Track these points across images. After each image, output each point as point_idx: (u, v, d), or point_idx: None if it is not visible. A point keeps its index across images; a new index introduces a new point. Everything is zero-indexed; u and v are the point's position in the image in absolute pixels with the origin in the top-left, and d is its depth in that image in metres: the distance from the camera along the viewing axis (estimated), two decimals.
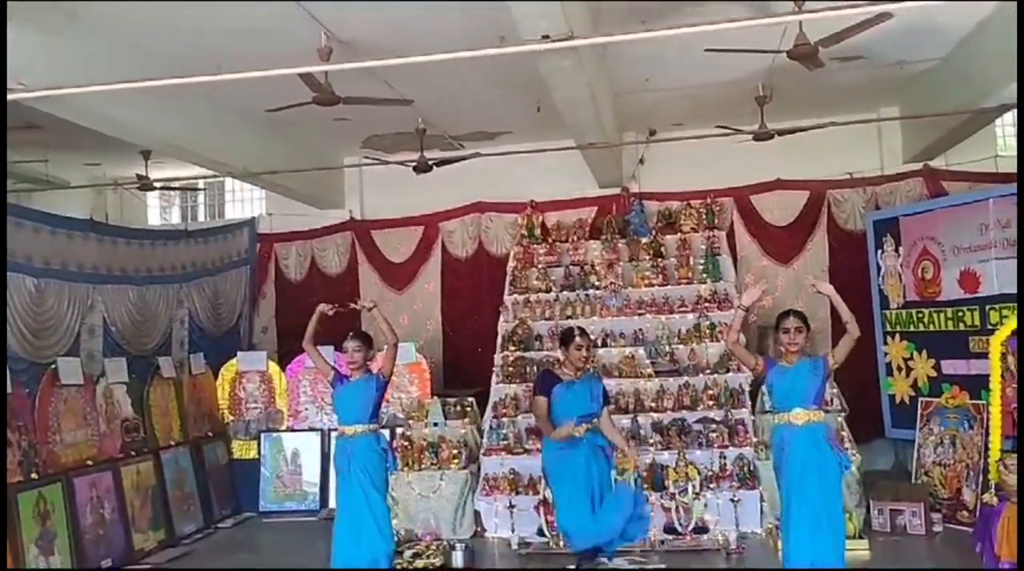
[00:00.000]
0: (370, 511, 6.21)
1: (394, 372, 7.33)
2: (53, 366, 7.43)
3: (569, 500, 6.42)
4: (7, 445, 6.68)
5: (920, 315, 8.74)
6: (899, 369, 8.97)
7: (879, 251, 9.29)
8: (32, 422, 7.02)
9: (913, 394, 8.72)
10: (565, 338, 6.67)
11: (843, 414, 7.98)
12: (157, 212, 12.95)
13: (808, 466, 5.47)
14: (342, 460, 6.36)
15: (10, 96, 5.63)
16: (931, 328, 8.60)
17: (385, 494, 6.42)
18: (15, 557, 6.38)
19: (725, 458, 7.84)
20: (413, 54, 4.55)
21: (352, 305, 7.09)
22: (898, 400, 8.99)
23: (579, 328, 6.78)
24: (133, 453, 8.09)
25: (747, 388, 8.49)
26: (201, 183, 11.67)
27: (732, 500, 7.51)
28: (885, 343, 9.17)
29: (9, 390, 6.79)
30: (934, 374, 8.50)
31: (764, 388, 8.16)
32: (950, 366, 8.30)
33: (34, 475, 6.85)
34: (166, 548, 7.98)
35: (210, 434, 9.49)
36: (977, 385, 7.65)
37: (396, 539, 7.29)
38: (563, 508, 6.49)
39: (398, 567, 6.96)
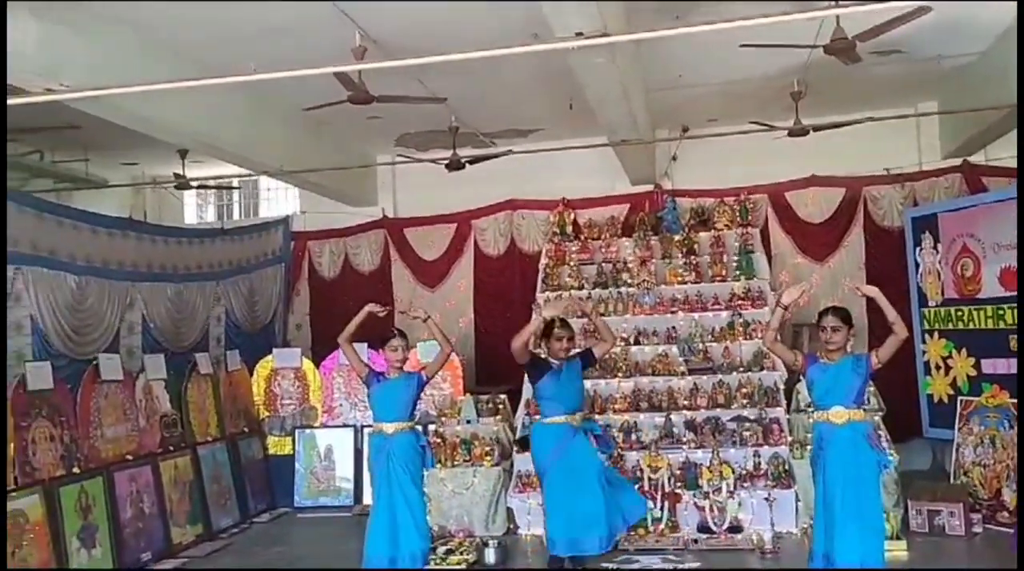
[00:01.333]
0: (408, 508, 6.17)
1: (426, 370, 7.69)
2: (94, 362, 7.56)
3: (561, 501, 6.30)
4: (49, 439, 6.83)
5: (959, 313, 8.61)
6: (938, 368, 8.85)
7: (917, 248, 9.17)
8: (74, 417, 7.14)
9: (952, 393, 8.60)
10: (545, 330, 6.55)
11: (880, 413, 7.87)
12: (193, 210, 13.12)
13: (848, 465, 5.39)
14: (380, 457, 6.28)
15: (51, 97, 5.74)
16: (971, 326, 8.47)
17: (423, 491, 6.42)
18: (57, 549, 6.50)
19: (759, 457, 7.77)
20: (446, 52, 4.58)
21: (408, 312, 6.88)
22: (936, 399, 8.87)
23: (560, 319, 6.62)
24: (171, 448, 8.20)
25: (782, 386, 8.42)
26: (236, 182, 11.81)
27: (767, 499, 7.43)
28: (923, 341, 9.05)
29: (51, 386, 6.93)
30: (974, 373, 8.37)
31: (799, 387, 8.12)
32: (990, 365, 8.18)
33: (76, 469, 6.97)
34: (203, 542, 8.09)
35: (246, 430, 9.59)
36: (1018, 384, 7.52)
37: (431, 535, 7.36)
38: (554, 509, 6.37)
39: (432, 563, 6.99)
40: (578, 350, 6.75)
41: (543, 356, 6.68)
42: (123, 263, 8.54)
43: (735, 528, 7.38)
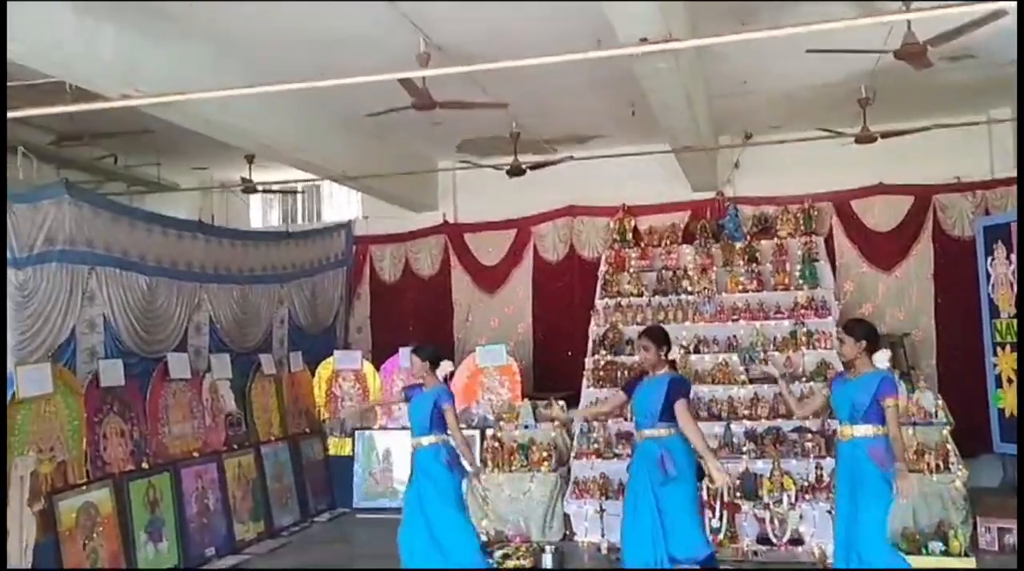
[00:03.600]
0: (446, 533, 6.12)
1: (483, 374, 8.58)
2: (164, 361, 7.77)
3: (626, 512, 6.14)
4: (120, 435, 7.05)
5: None
6: (1010, 381, 8.58)
7: (989, 258, 8.91)
8: (143, 414, 7.36)
9: None
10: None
11: (948, 428, 7.68)
12: (259, 214, 13.38)
13: (846, 480, 5.46)
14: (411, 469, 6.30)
15: (127, 102, 5.93)
16: None
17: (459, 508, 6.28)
18: (126, 542, 6.70)
19: (822, 468, 7.62)
20: (509, 58, 4.60)
21: None
22: (1008, 414, 8.60)
23: (644, 330, 6.39)
24: (236, 447, 8.39)
25: None
26: (299, 186, 12.02)
27: (829, 512, 7.27)
28: (995, 354, 8.79)
29: (123, 383, 7.14)
30: None
31: None
32: None
33: (145, 465, 7.18)
34: (265, 539, 8.24)
35: (307, 431, 9.76)
36: None
37: (485, 538, 7.41)
38: (624, 519, 6.19)
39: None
40: (668, 375, 6.05)
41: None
42: (192, 265, 8.77)
43: (796, 541, 7.26)
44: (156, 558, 6.99)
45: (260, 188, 10.75)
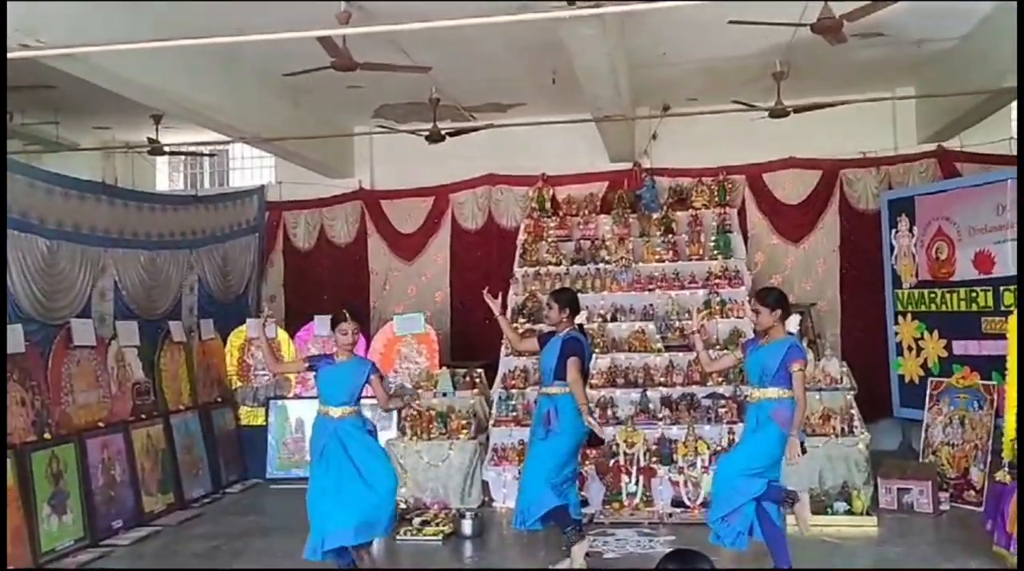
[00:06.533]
0: (371, 478, 5.65)
1: (401, 343, 8.74)
2: (66, 327, 7.42)
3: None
4: (21, 404, 6.72)
5: (932, 295, 8.73)
6: (909, 349, 8.99)
7: (893, 230, 9.28)
8: (45, 382, 7.03)
9: (923, 374, 8.74)
10: None
11: (851, 392, 7.99)
12: (165, 177, 12.89)
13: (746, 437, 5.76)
14: (323, 438, 5.74)
15: (28, 53, 5.60)
16: (943, 308, 8.60)
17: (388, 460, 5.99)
18: (28, 515, 6.41)
19: (734, 433, 7.82)
20: (432, 20, 4.51)
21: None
22: (907, 380, 9.02)
23: (552, 291, 6.88)
24: (143, 416, 8.12)
25: None
26: (207, 149, 11.60)
27: None
28: (896, 323, 9.19)
29: (22, 350, 6.80)
30: (945, 354, 8.51)
31: None
32: (961, 346, 8.32)
33: (47, 435, 6.86)
34: (175, 511, 8.03)
35: (219, 400, 9.52)
36: (988, 366, 7.67)
37: (404, 506, 7.43)
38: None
39: (408, 535, 7.04)
40: (565, 334, 6.21)
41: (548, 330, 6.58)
42: (95, 228, 8.37)
43: (709, 503, 7.44)
44: (60, 531, 6.71)
45: (168, 150, 10.33)
